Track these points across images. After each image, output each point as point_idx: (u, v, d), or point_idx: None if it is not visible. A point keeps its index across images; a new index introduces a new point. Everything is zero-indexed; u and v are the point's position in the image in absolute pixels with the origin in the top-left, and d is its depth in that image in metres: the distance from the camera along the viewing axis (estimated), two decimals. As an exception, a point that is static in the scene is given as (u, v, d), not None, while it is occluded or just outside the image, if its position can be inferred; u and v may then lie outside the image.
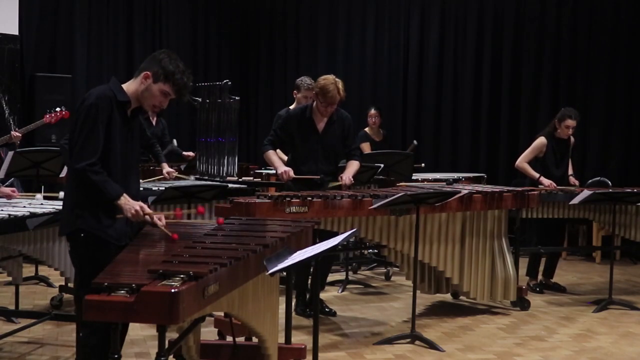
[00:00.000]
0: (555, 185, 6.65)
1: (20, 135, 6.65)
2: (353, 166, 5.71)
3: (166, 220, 3.51)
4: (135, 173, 3.67)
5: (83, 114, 3.38)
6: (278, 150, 5.85)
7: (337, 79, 5.60)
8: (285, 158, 6.00)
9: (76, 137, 3.38)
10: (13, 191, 4.85)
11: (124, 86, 3.53)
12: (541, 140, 6.83)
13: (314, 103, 5.69)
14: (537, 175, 6.72)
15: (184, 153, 8.03)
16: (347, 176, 5.58)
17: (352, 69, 10.19)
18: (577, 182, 7.04)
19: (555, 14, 9.30)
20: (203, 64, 10.32)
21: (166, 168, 6.60)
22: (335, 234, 4.77)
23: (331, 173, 5.75)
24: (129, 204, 3.39)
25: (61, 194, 5.51)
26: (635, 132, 9.02)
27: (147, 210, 3.44)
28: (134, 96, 3.52)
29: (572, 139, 6.97)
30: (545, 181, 6.66)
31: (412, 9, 9.92)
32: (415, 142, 8.54)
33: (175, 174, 6.72)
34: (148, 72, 3.48)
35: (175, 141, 7.92)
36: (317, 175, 5.62)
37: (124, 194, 3.39)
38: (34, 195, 5.08)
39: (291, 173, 5.50)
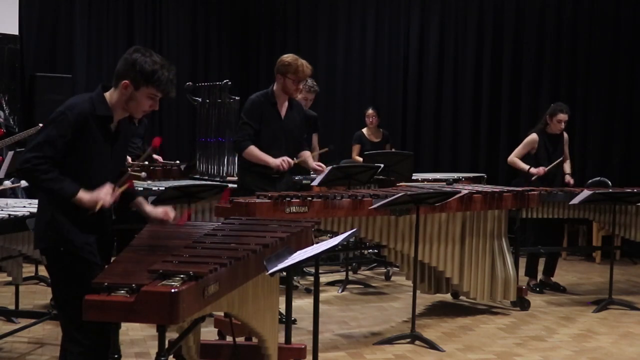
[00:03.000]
0: (544, 168, 6.67)
1: None
2: (310, 155, 5.76)
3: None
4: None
5: (49, 120, 3.15)
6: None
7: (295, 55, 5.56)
8: None
9: (34, 138, 3.15)
10: None
11: (107, 96, 3.25)
12: (532, 136, 6.86)
13: (275, 87, 5.56)
14: (526, 167, 6.78)
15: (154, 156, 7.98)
16: (317, 163, 5.65)
17: (352, 69, 10.20)
18: (572, 181, 7.03)
19: (555, 14, 9.31)
20: (203, 64, 10.32)
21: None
22: (335, 234, 4.79)
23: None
24: (92, 195, 3.11)
25: (6, 183, 5.47)
26: (636, 132, 9.02)
27: (112, 194, 3.18)
28: (117, 106, 3.24)
29: (565, 135, 6.98)
30: (534, 169, 6.71)
31: (412, 9, 9.93)
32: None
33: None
34: (126, 81, 3.18)
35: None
36: (276, 174, 5.50)
37: (82, 189, 3.11)
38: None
39: (290, 160, 5.40)
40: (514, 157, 6.92)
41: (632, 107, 9.03)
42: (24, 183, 5.14)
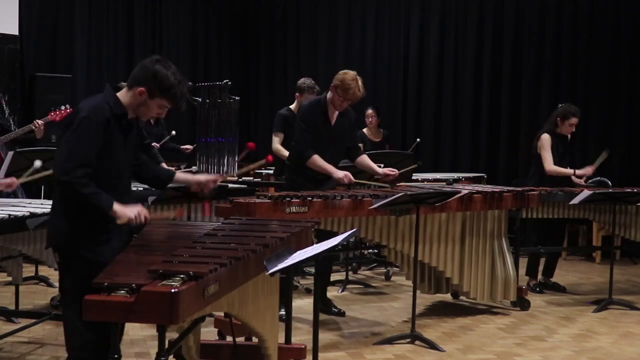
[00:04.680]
0: (592, 168, 6.85)
1: (43, 124, 6.55)
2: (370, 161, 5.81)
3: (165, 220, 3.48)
4: (129, 184, 3.58)
5: (74, 127, 3.23)
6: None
7: (358, 76, 5.60)
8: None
9: (63, 148, 3.24)
10: (12, 181, 4.81)
11: (119, 95, 3.39)
12: (546, 137, 6.81)
13: (328, 95, 5.64)
14: (571, 171, 6.77)
15: (182, 147, 8.02)
16: (387, 169, 5.70)
17: (352, 68, 10.09)
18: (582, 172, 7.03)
19: (555, 14, 9.31)
20: (203, 64, 10.32)
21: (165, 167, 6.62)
22: (335, 234, 4.78)
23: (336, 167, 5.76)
24: (125, 210, 3.28)
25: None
26: (636, 132, 9.02)
27: (146, 213, 3.36)
28: (129, 108, 3.38)
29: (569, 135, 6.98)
30: (580, 171, 6.78)
31: (412, 9, 9.93)
32: (418, 140, 8.51)
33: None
34: (142, 88, 3.31)
35: (174, 132, 7.73)
36: (321, 176, 5.59)
37: (115, 202, 3.27)
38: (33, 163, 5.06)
39: (351, 176, 5.50)
40: (552, 166, 6.73)
41: (632, 107, 9.04)
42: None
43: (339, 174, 5.49)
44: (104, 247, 3.32)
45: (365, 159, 5.82)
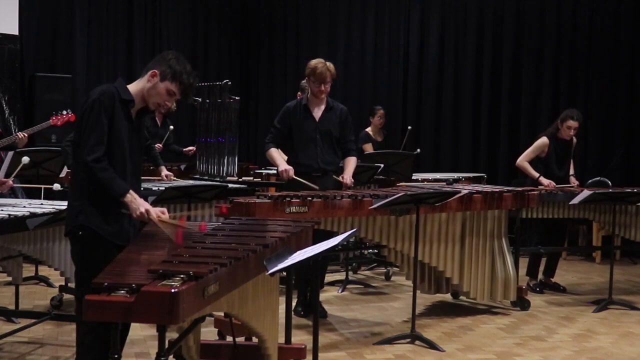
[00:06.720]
0: (554, 184, 6.65)
1: (26, 136, 6.52)
2: (351, 164, 5.78)
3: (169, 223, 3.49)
4: (137, 172, 3.67)
5: (87, 110, 3.40)
6: (279, 151, 5.88)
7: (325, 61, 5.71)
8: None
9: (81, 132, 3.40)
10: (6, 183, 4.83)
11: (130, 86, 3.54)
12: (543, 140, 6.83)
13: (309, 92, 5.78)
14: (536, 174, 6.73)
15: (184, 150, 8.05)
16: (348, 176, 5.64)
17: (352, 69, 10.20)
18: (577, 182, 7.04)
19: (555, 14, 9.31)
20: (203, 64, 10.31)
21: (164, 171, 6.62)
22: (335, 234, 4.78)
23: (332, 162, 5.77)
24: (136, 204, 3.40)
25: (55, 186, 5.54)
26: (636, 132, 9.02)
27: (153, 215, 3.41)
28: (139, 95, 3.53)
29: (574, 139, 6.97)
30: (545, 181, 6.67)
31: (412, 9, 9.93)
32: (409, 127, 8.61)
33: (173, 177, 6.72)
34: (155, 71, 3.51)
35: (171, 127, 7.94)
36: (317, 173, 5.66)
37: (131, 191, 3.40)
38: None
39: (291, 172, 5.54)
40: (524, 162, 6.84)
41: (632, 107, 9.03)
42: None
43: (281, 167, 5.58)
44: (110, 227, 3.44)
45: (346, 160, 5.81)
